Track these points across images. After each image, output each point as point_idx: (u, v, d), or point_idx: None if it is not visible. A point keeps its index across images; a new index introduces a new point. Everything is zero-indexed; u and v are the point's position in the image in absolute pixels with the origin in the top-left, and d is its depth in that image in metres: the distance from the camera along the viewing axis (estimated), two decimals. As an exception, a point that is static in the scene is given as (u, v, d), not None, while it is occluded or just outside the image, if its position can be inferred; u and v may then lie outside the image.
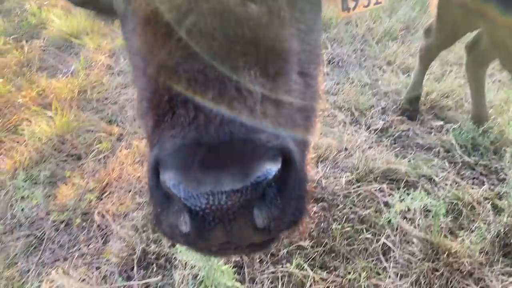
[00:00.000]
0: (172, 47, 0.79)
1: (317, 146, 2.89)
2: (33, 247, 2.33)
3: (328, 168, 2.77)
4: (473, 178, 2.67)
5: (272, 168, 0.73)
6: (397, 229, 2.33)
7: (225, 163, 0.71)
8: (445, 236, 2.26)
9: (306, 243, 2.24)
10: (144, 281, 2.10)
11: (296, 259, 2.16)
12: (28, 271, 2.20)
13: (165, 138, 0.78)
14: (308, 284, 2.07)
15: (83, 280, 2.11)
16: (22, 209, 2.50)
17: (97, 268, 2.19)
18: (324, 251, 2.23)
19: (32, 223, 2.44)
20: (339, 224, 2.34)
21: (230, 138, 0.73)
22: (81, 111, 3.33)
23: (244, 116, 0.75)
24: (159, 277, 2.13)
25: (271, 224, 0.76)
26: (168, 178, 0.72)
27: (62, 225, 2.41)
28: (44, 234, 2.37)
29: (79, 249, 2.30)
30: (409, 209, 2.40)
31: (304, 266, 2.13)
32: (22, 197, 2.56)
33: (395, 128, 3.13)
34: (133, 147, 2.88)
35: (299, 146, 0.87)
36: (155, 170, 0.77)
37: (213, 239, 0.77)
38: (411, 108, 3.25)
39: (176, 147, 0.75)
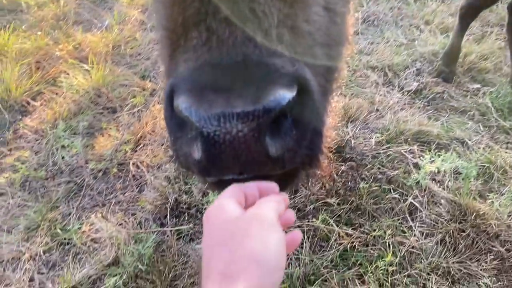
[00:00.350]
0: None
1: (348, 106, 2.87)
2: (73, 193, 2.46)
3: (358, 128, 2.76)
4: (507, 143, 2.61)
5: (286, 94, 0.69)
6: (425, 190, 2.34)
7: (238, 85, 0.69)
8: (474, 198, 2.26)
9: (332, 200, 2.28)
10: (176, 228, 2.21)
11: (322, 214, 2.21)
12: (69, 214, 2.35)
13: (179, 64, 0.76)
14: (333, 239, 2.13)
15: (120, 224, 2.24)
16: (63, 157, 2.63)
17: (133, 214, 2.32)
18: (350, 208, 2.27)
19: (72, 170, 2.58)
20: (366, 184, 2.36)
21: (244, 60, 0.71)
22: (116, 65, 3.40)
23: (259, 39, 0.72)
24: (191, 225, 2.23)
25: (285, 155, 0.73)
26: (181, 101, 0.71)
27: (100, 174, 2.54)
28: (84, 181, 2.50)
29: (116, 196, 2.42)
30: (438, 171, 2.39)
31: (330, 222, 2.19)
32: (63, 146, 2.69)
33: (429, 90, 3.06)
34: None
35: (320, 81, 0.84)
36: (170, 98, 0.75)
37: (226, 168, 0.74)
38: (448, 70, 3.15)
39: (189, 70, 0.73)
